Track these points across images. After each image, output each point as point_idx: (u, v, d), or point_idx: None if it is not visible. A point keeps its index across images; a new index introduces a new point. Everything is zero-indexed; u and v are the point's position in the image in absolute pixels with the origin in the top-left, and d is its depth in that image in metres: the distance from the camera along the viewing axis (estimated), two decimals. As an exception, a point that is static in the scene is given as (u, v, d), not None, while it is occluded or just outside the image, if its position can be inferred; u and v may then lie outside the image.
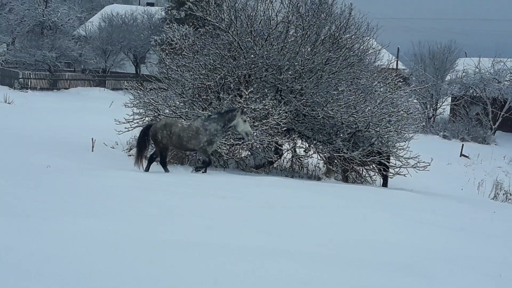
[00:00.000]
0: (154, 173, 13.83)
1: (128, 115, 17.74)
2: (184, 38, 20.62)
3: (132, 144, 18.48)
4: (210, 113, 16.08)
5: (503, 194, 24.41)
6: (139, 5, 77.10)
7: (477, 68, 49.20)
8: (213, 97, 17.39)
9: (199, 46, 19.00)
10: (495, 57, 49.98)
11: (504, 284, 6.69)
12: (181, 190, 10.67)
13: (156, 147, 15.55)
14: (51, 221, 7.29)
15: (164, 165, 15.36)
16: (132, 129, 17.86)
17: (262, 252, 6.75)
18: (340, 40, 19.01)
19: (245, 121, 15.29)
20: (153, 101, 17.58)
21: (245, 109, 16.10)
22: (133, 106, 18.00)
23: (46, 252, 5.91)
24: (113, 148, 18.50)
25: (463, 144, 39.32)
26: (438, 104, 50.56)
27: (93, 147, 17.91)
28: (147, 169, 15.21)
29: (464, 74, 49.66)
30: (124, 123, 17.64)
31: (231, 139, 16.62)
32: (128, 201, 9.26)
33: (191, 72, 18.03)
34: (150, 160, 15.51)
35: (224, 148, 16.53)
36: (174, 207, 8.93)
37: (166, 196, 9.90)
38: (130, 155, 17.55)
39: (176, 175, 13.78)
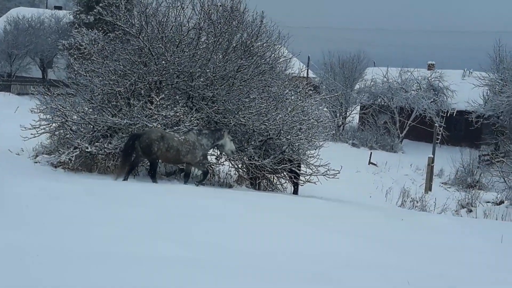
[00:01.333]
0: (62, 182, 13.41)
1: (34, 121, 17.18)
2: (93, 43, 20.21)
3: (38, 150, 17.91)
4: (200, 128, 16.59)
5: (410, 201, 24.97)
6: (46, 8, 75.41)
7: (385, 77, 50.46)
8: (123, 103, 17.08)
9: (108, 51, 18.62)
10: (402, 67, 51.41)
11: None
12: (90, 199, 10.38)
13: (146, 157, 15.70)
14: None
15: (154, 176, 15.67)
16: (38, 135, 17.31)
17: (176, 262, 6.60)
18: (251, 48, 19.06)
19: (231, 140, 16.45)
20: (61, 107, 17.08)
21: (230, 130, 17.09)
22: (39, 112, 17.44)
23: None
24: (19, 154, 17.87)
25: (371, 152, 40.17)
26: (348, 113, 51.55)
27: (-4, 153, 17.28)
28: (126, 178, 15.34)
29: (372, 83, 50.83)
30: (30, 129, 17.05)
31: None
32: (35, 210, 8.92)
33: (100, 78, 17.65)
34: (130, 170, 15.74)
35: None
36: (84, 216, 8.66)
37: (76, 205, 9.61)
38: (36, 162, 17.00)
39: (84, 184, 13.39)
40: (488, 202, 27.43)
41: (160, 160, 16.16)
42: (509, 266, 9.12)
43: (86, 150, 16.13)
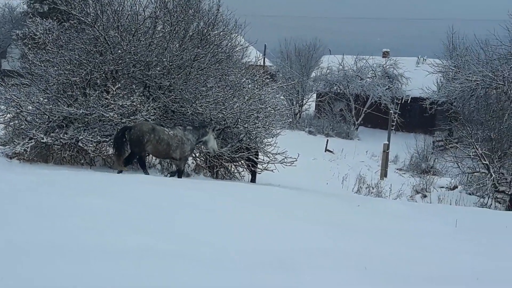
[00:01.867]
0: (18, 174, 13.25)
1: (-12, 112, 16.97)
2: (48, 32, 19.94)
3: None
4: (184, 124, 17.06)
5: (366, 187, 25.31)
6: (-1, -3, 74.01)
7: (341, 65, 50.80)
8: (78, 93, 16.92)
9: (63, 41, 18.40)
10: (357, 54, 51.76)
11: (369, 276, 6.88)
12: (51, 190, 10.26)
13: (132, 148, 15.55)
14: None
15: (143, 166, 15.99)
16: (-8, 127, 17.12)
17: (143, 252, 6.59)
18: (208, 37, 19.01)
19: (215, 138, 17.07)
20: (15, 97, 16.86)
21: (216, 127, 17.55)
22: (-7, 103, 17.22)
23: None
24: (-28, 146, 17.61)
25: (327, 140, 40.49)
26: (304, 101, 51.73)
27: (-51, 145, 17.00)
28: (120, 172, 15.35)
29: (328, 71, 51.12)
30: (-16, 120, 16.87)
31: (98, 136, 16.25)
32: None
33: (55, 68, 17.45)
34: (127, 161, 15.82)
35: (91, 145, 16.16)
36: (47, 208, 8.55)
37: (37, 196, 9.48)
38: (-9, 154, 16.78)
39: (40, 175, 13.23)
40: (442, 187, 27.99)
41: (149, 154, 16.39)
42: (463, 248, 9.31)
43: (42, 140, 15.96)
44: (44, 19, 29.13)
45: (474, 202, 24.07)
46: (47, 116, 16.56)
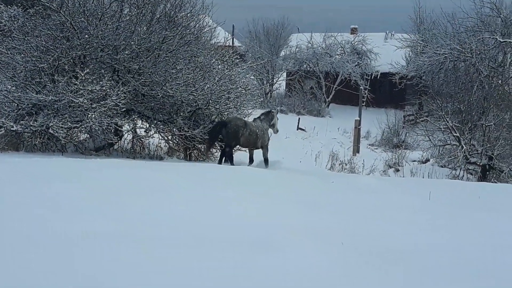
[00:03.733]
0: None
1: (-46, 103, 16.70)
2: (13, 19, 19.70)
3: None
4: (259, 116, 18.91)
5: (339, 164, 25.40)
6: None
7: (310, 43, 50.73)
8: (47, 79, 16.72)
9: (29, 28, 18.16)
10: (326, 32, 51.70)
11: (345, 251, 6.93)
12: (19, 178, 10.17)
13: (229, 141, 17.42)
14: None
15: (232, 158, 17.56)
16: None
17: (113, 238, 6.56)
18: (175, 19, 18.93)
19: (278, 119, 19.05)
20: (-18, 86, 16.67)
21: (277, 110, 19.38)
22: (-40, 93, 16.95)
23: None
24: None
25: (299, 118, 40.52)
26: (274, 80, 51.65)
27: None
28: (220, 162, 17.52)
29: (297, 49, 51.02)
30: (-49, 111, 16.61)
31: (68, 122, 16.10)
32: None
33: (22, 55, 17.21)
34: (223, 155, 17.80)
35: (61, 131, 15.99)
36: (14, 195, 8.49)
37: (6, 185, 9.38)
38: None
39: (10, 164, 13.07)
40: (414, 161, 28.30)
41: (240, 145, 17.98)
42: (437, 221, 9.39)
43: (12, 128, 15.79)
44: (9, 6, 28.74)
45: (446, 174, 24.36)
46: (16, 104, 16.39)
